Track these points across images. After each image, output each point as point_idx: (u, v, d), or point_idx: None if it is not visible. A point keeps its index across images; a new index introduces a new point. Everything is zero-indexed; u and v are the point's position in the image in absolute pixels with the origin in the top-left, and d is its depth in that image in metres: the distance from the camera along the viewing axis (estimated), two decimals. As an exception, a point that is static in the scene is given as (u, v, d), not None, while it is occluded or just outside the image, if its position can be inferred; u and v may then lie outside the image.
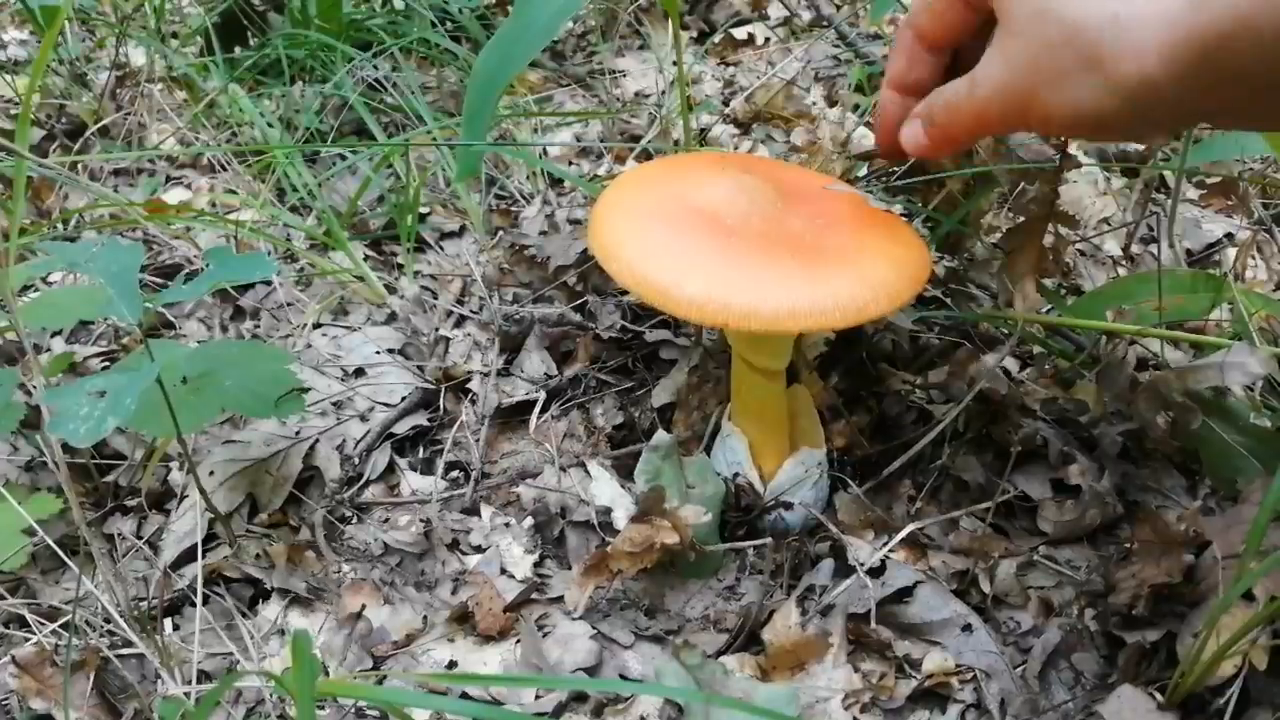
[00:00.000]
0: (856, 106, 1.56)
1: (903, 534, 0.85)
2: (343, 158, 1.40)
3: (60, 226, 1.35)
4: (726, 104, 1.61)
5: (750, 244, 0.78)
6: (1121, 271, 1.25)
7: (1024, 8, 0.64)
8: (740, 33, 1.88)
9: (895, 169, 1.16)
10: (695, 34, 1.92)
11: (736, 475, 0.90)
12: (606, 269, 0.79)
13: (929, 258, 0.83)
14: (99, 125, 1.53)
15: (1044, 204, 1.03)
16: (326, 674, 0.79)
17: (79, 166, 1.45)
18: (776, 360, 0.88)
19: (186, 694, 0.74)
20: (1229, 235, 1.34)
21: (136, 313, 0.72)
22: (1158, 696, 0.75)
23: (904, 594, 0.83)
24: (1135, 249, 1.28)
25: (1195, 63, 0.55)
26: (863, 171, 1.18)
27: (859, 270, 0.78)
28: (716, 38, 1.87)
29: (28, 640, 0.80)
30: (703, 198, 0.83)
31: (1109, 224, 1.33)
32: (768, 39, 1.89)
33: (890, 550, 0.86)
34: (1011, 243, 1.06)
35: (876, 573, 0.83)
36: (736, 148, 1.50)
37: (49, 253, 0.81)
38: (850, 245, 0.81)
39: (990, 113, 0.67)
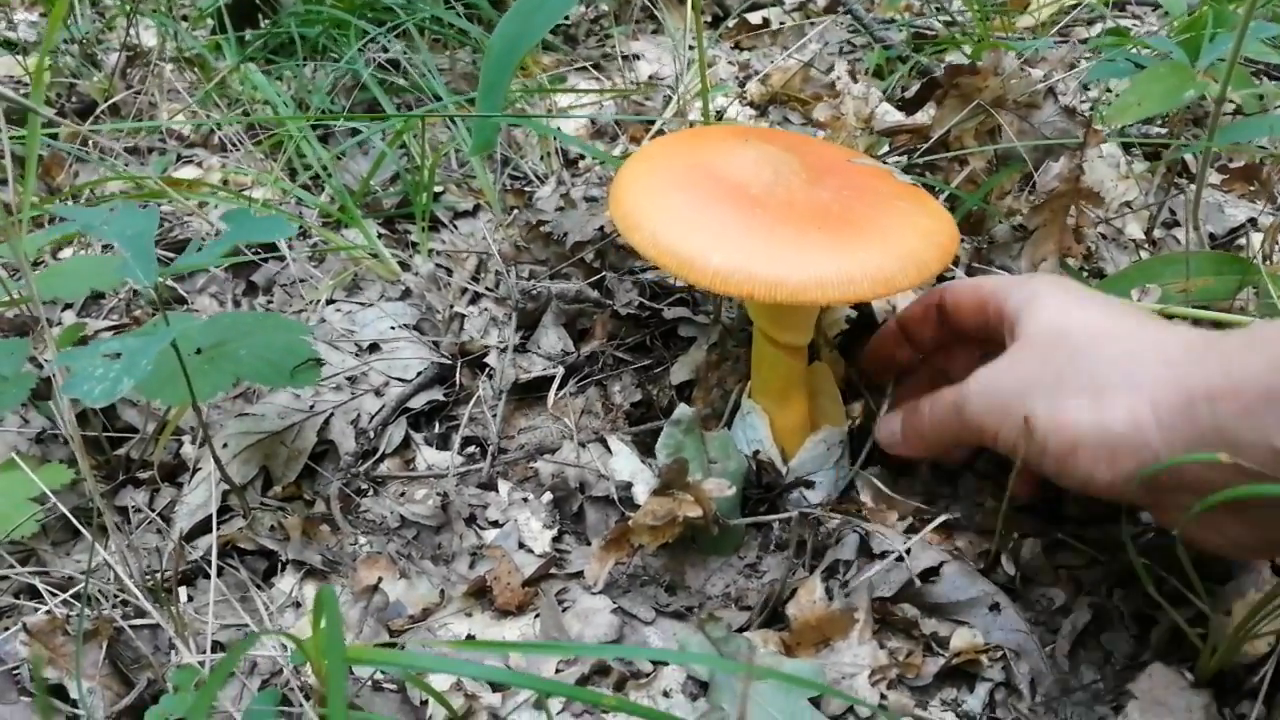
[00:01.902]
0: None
1: (936, 523, 0.83)
2: (355, 132, 1.38)
3: (70, 202, 1.34)
4: (742, 86, 1.60)
5: (776, 215, 0.77)
6: (1144, 255, 1.23)
7: (1044, 326, 0.70)
8: (755, 17, 1.87)
9: (917, 146, 1.15)
10: (709, 19, 1.91)
11: (757, 452, 0.89)
12: (629, 240, 0.77)
13: (957, 231, 0.82)
14: (109, 103, 1.52)
15: (1069, 181, 1.02)
16: (342, 647, 0.78)
17: (89, 143, 1.43)
18: (799, 336, 0.86)
19: (201, 663, 0.72)
20: (1252, 220, 1.32)
21: (152, 276, 0.71)
22: (1189, 675, 0.73)
23: (930, 573, 0.81)
24: (1157, 233, 1.26)
25: (1180, 411, 0.60)
26: (885, 148, 1.17)
27: (887, 242, 0.77)
28: (731, 22, 1.86)
29: (39, 611, 0.79)
30: (727, 168, 0.81)
31: (1130, 207, 1.31)
32: (782, 24, 1.87)
33: (913, 526, 0.84)
34: (1035, 220, 1.05)
35: (902, 555, 0.82)
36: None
37: (64, 216, 0.79)
38: (878, 217, 0.79)
39: (970, 419, 0.71)
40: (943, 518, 0.83)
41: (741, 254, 0.73)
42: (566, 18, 1.87)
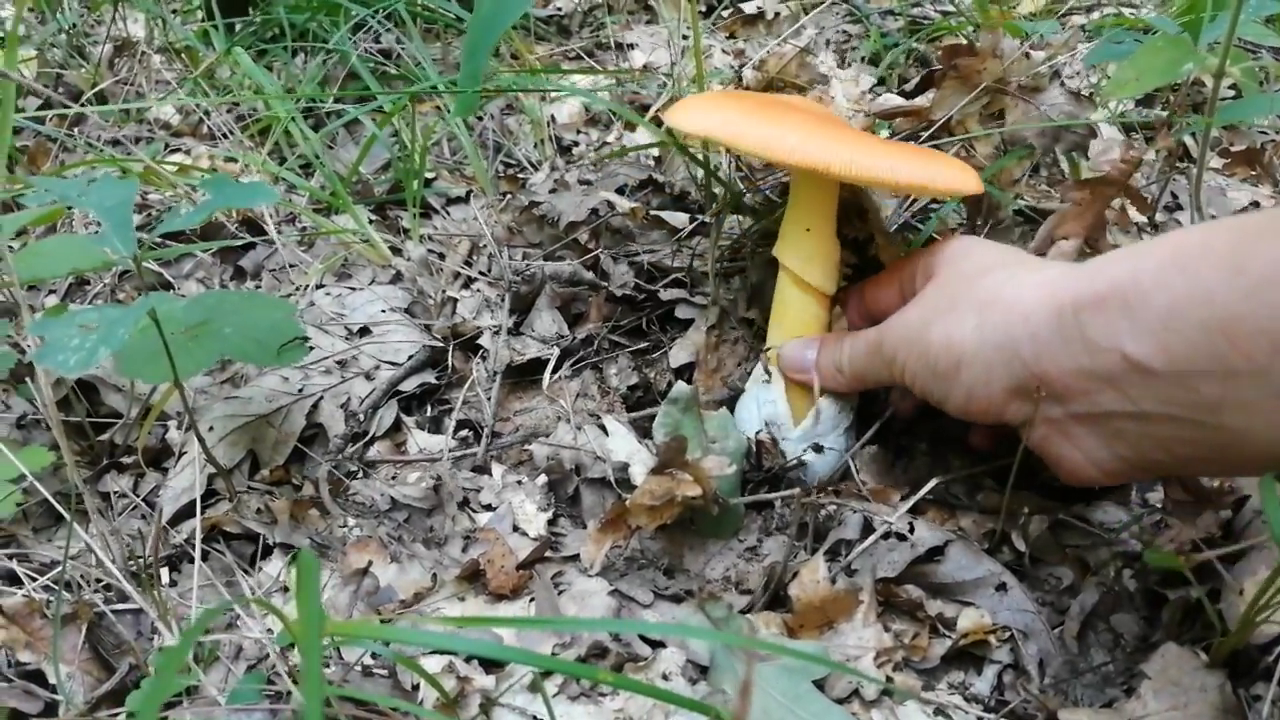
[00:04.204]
0: (882, 80, 1.53)
1: (928, 487, 0.81)
2: (339, 116, 1.36)
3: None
4: (738, 74, 1.58)
5: (843, 128, 0.82)
6: (1146, 238, 1.21)
7: (949, 267, 0.76)
8: (749, 6, 1.85)
9: (919, 133, 1.13)
10: (704, 8, 1.89)
11: (759, 432, 0.87)
12: (696, 129, 0.80)
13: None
14: (95, 90, 1.50)
15: (1122, 172, 0.98)
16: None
17: (76, 130, 1.41)
18: (828, 280, 0.86)
19: (189, 648, 0.70)
20: (1255, 203, 1.30)
21: (130, 246, 0.68)
22: (1203, 655, 0.71)
23: (934, 553, 0.79)
24: (1159, 216, 1.24)
25: (1048, 321, 0.64)
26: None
27: (945, 162, 0.81)
28: (725, 11, 1.84)
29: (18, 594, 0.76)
30: (789, 100, 0.84)
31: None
32: (777, 14, 1.85)
33: (917, 509, 0.82)
34: (1073, 194, 1.01)
35: (905, 534, 0.80)
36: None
37: (40, 189, 0.77)
38: (928, 151, 0.85)
39: (886, 352, 0.77)
40: (933, 482, 0.82)
41: (817, 140, 0.76)
42: (559, 8, 1.86)
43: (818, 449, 0.85)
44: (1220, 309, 0.57)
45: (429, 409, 0.98)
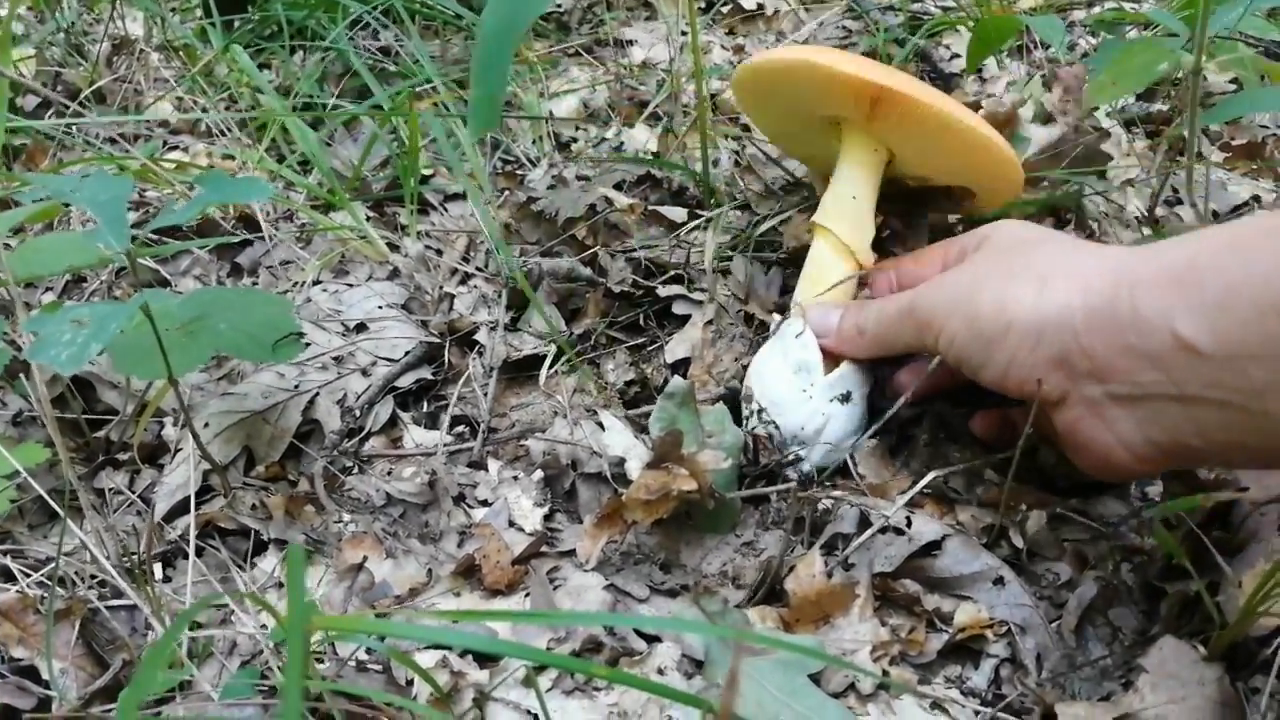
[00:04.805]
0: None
1: (925, 480, 0.81)
2: (339, 112, 1.36)
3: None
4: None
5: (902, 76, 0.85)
6: (1146, 233, 1.21)
7: (1001, 239, 0.77)
8: (749, 3, 1.84)
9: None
10: (703, 4, 1.88)
11: (755, 428, 0.87)
12: (789, 59, 0.86)
13: None
14: (93, 88, 1.49)
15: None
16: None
17: (74, 128, 1.41)
18: (865, 249, 0.88)
19: (178, 644, 0.70)
20: (1256, 198, 1.30)
21: (123, 241, 0.68)
22: (1201, 649, 0.71)
23: (932, 547, 0.79)
24: (1159, 210, 1.24)
25: (1106, 296, 0.64)
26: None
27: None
28: (725, 8, 1.84)
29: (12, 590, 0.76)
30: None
31: (1132, 185, 1.29)
32: (777, 10, 1.85)
33: (915, 503, 0.82)
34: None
35: (902, 528, 0.79)
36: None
37: (34, 184, 0.77)
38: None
39: (919, 314, 0.76)
40: (931, 475, 0.81)
41: (873, 70, 0.81)
42: (559, 4, 1.85)
43: (845, 398, 0.85)
44: (1275, 292, 0.56)
45: (425, 405, 0.98)
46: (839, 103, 0.87)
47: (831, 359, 0.86)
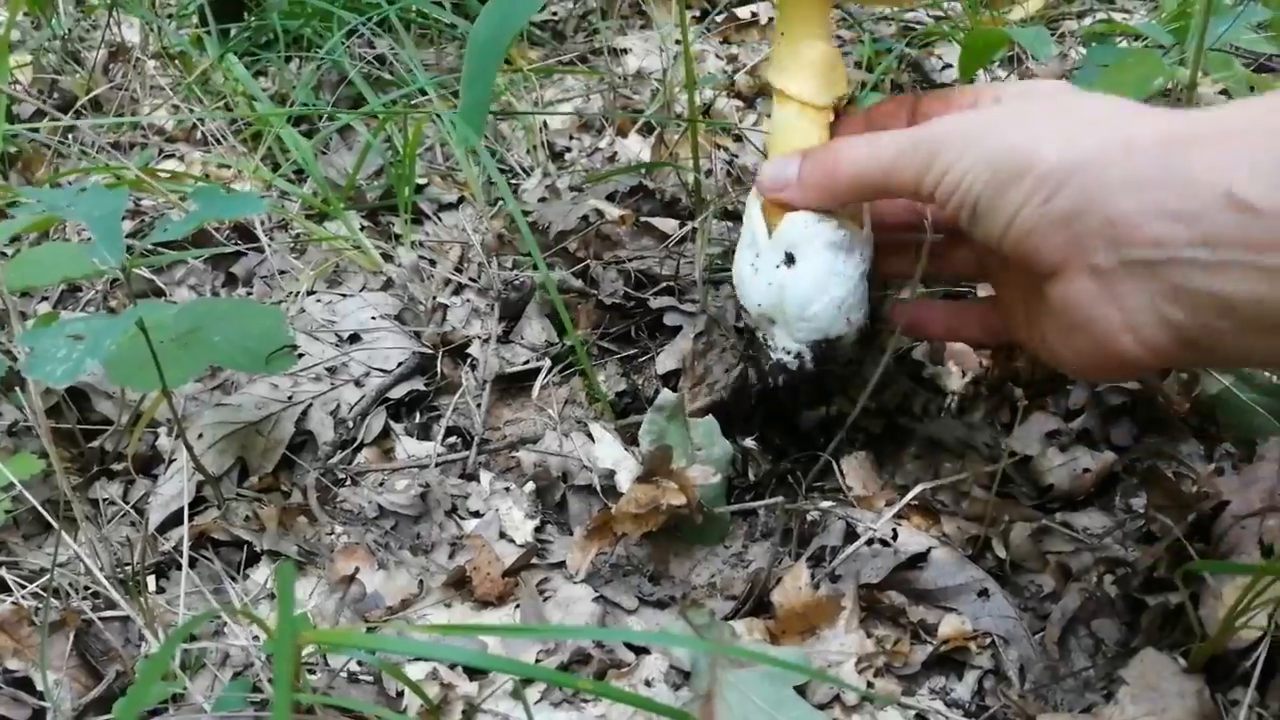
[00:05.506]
0: (863, 84, 1.54)
1: (912, 494, 0.82)
2: (333, 121, 1.37)
3: (49, 197, 1.32)
4: (731, 79, 1.59)
5: None
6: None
7: (1045, 93, 0.71)
8: (743, 12, 1.85)
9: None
10: (697, 13, 1.89)
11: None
12: None
13: None
14: (90, 96, 1.50)
15: None
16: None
17: (70, 136, 1.42)
18: (823, 92, 0.78)
19: (171, 655, 0.70)
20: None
21: (119, 256, 0.69)
22: (1181, 661, 0.72)
23: (918, 559, 0.80)
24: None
25: (1151, 149, 0.58)
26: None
27: None
28: (719, 17, 1.85)
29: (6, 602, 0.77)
30: None
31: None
32: (771, 19, 1.86)
33: (901, 515, 0.83)
34: None
35: (888, 540, 0.80)
36: (740, 121, 1.47)
37: (29, 199, 0.78)
38: None
39: (923, 148, 0.67)
40: (919, 488, 0.82)
41: None
42: (554, 13, 1.86)
43: (790, 260, 0.76)
44: None
45: (418, 416, 0.98)
46: None
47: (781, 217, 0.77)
